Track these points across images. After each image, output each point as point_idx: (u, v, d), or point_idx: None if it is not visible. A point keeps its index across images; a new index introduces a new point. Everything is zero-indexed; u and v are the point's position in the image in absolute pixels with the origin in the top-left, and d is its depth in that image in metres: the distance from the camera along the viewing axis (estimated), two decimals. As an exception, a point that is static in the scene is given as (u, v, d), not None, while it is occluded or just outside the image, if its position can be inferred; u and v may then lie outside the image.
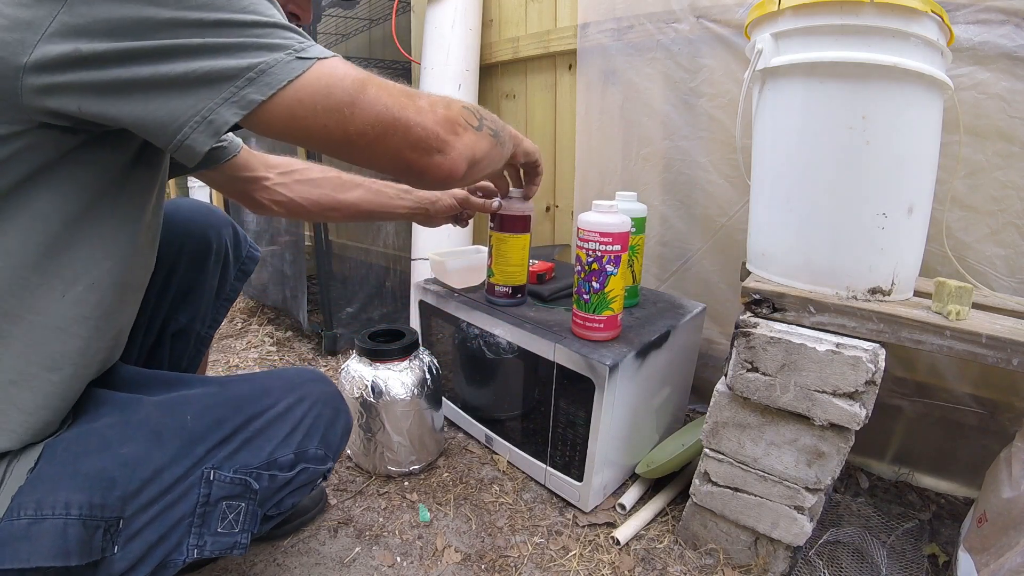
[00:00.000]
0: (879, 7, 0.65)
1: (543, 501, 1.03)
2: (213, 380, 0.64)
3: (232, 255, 0.85)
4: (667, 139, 1.25)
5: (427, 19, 1.51)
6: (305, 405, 0.62)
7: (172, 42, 0.41)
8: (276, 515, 0.61)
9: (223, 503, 0.54)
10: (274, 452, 0.58)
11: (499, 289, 1.06)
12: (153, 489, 0.50)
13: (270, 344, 1.78)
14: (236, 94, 0.43)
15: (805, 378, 0.72)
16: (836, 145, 0.71)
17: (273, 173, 0.85)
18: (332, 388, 0.67)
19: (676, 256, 1.31)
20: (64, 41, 0.40)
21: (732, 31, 1.10)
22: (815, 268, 0.76)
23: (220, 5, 0.43)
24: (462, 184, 0.60)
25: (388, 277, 1.98)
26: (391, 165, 0.53)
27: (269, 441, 0.58)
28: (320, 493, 0.99)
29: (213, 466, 0.54)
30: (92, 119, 0.44)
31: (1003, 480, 0.72)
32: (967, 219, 0.93)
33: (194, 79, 0.43)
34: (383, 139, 0.49)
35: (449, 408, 1.26)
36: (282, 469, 0.58)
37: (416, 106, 0.51)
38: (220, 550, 0.54)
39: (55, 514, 0.44)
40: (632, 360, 0.90)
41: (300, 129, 0.47)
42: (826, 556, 0.89)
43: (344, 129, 0.48)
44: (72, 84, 0.42)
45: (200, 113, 0.43)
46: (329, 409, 0.65)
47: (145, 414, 0.54)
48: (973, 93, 0.88)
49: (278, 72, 0.44)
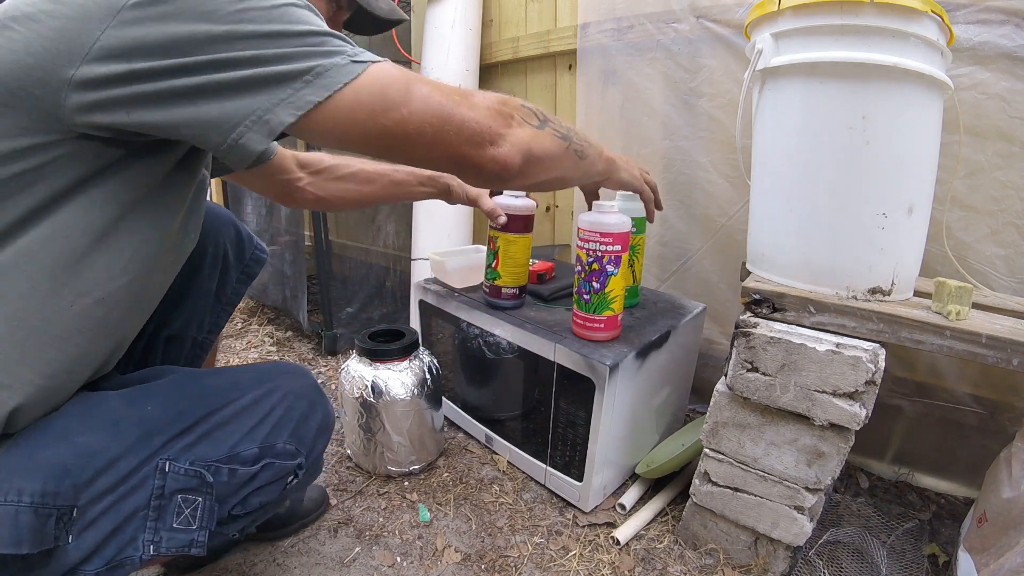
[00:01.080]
0: (879, 7, 0.65)
1: (543, 501, 1.03)
2: (185, 372, 0.63)
3: (234, 257, 0.82)
4: (667, 139, 1.25)
5: (427, 19, 1.51)
6: (275, 397, 0.60)
7: (228, 55, 0.42)
8: (243, 515, 0.58)
9: (178, 496, 0.53)
10: (236, 446, 0.56)
11: (507, 291, 1.04)
12: (108, 479, 0.49)
13: (270, 344, 1.78)
14: (293, 95, 0.44)
15: (805, 378, 0.72)
16: (836, 145, 0.71)
17: (305, 173, 0.85)
18: (308, 381, 0.65)
19: (676, 256, 1.31)
20: (115, 60, 0.41)
21: (732, 31, 1.10)
22: (815, 268, 0.76)
23: (274, 17, 0.43)
24: (523, 181, 0.58)
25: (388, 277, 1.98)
26: (448, 162, 0.53)
27: (231, 434, 0.56)
28: (321, 494, 0.99)
29: (168, 457, 0.52)
30: (141, 129, 0.44)
31: (1003, 480, 0.72)
32: (967, 219, 0.93)
33: (251, 83, 0.43)
34: (439, 136, 0.50)
35: (449, 408, 1.26)
36: (244, 463, 0.56)
37: (469, 102, 0.51)
38: (177, 547, 0.53)
39: (6, 501, 0.44)
40: (632, 360, 0.90)
41: (360, 132, 0.47)
42: (826, 556, 0.89)
43: (403, 128, 0.48)
44: (123, 97, 0.42)
45: (256, 112, 0.44)
46: (303, 402, 0.62)
47: (108, 406, 0.54)
48: (973, 93, 0.88)
49: (335, 74, 0.45)
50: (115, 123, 0.43)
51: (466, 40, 1.49)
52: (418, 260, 1.57)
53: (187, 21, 0.41)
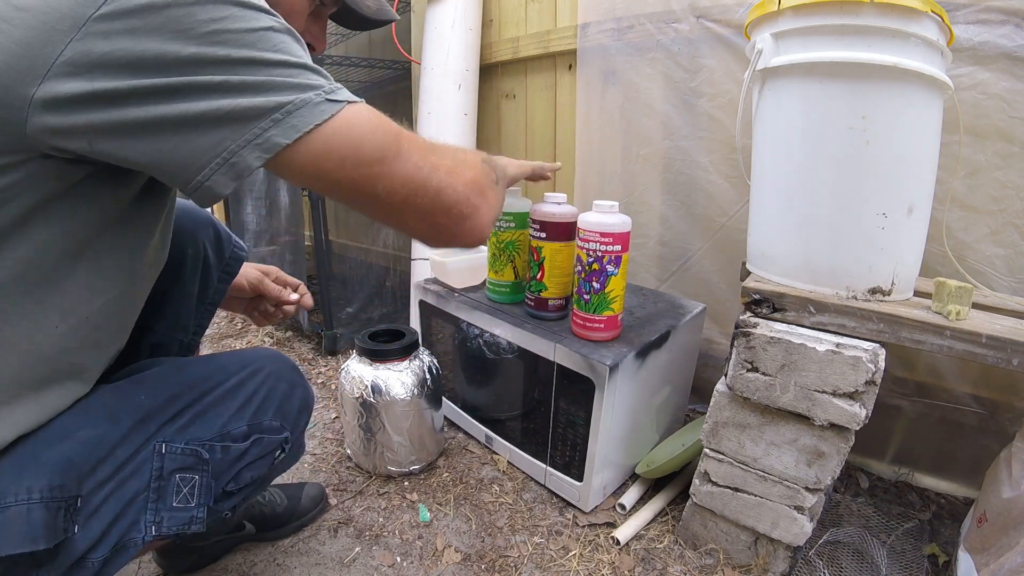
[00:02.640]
0: (879, 7, 0.65)
1: (543, 501, 1.03)
2: (170, 362, 0.64)
3: (214, 257, 0.81)
4: (667, 139, 1.25)
5: (427, 19, 1.50)
6: (258, 379, 0.63)
7: (195, 79, 0.40)
8: (236, 491, 0.61)
9: (176, 475, 0.54)
10: (227, 424, 0.59)
11: (553, 303, 1.00)
12: (108, 466, 0.51)
13: (270, 344, 1.79)
14: (260, 136, 0.41)
15: (805, 378, 0.72)
16: (836, 145, 0.71)
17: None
18: (288, 363, 0.68)
19: (676, 256, 1.31)
20: (78, 77, 0.38)
21: (732, 31, 1.10)
22: (815, 268, 0.76)
23: (248, 42, 0.41)
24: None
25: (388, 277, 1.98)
26: (419, 228, 0.52)
27: (221, 414, 0.59)
28: (319, 492, 0.99)
29: (164, 439, 0.54)
30: (102, 159, 0.42)
31: (1003, 480, 0.72)
32: (967, 219, 0.93)
33: (216, 117, 0.40)
34: (413, 200, 0.48)
35: (449, 408, 1.26)
36: (235, 440, 0.59)
37: (445, 167, 0.50)
38: (178, 526, 0.54)
39: (18, 500, 0.44)
40: (632, 360, 0.90)
41: (328, 181, 0.45)
42: (826, 556, 0.89)
43: (373, 186, 0.46)
44: (85, 125, 0.40)
45: (221, 155, 0.41)
46: (284, 383, 0.65)
47: (102, 400, 0.55)
48: (973, 93, 0.88)
49: (305, 114, 0.42)
50: (77, 150, 0.41)
51: (466, 40, 1.49)
52: (418, 260, 1.57)
53: (158, 38, 0.38)
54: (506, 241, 1.03)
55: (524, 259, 1.05)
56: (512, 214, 1.02)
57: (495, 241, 1.05)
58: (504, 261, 1.06)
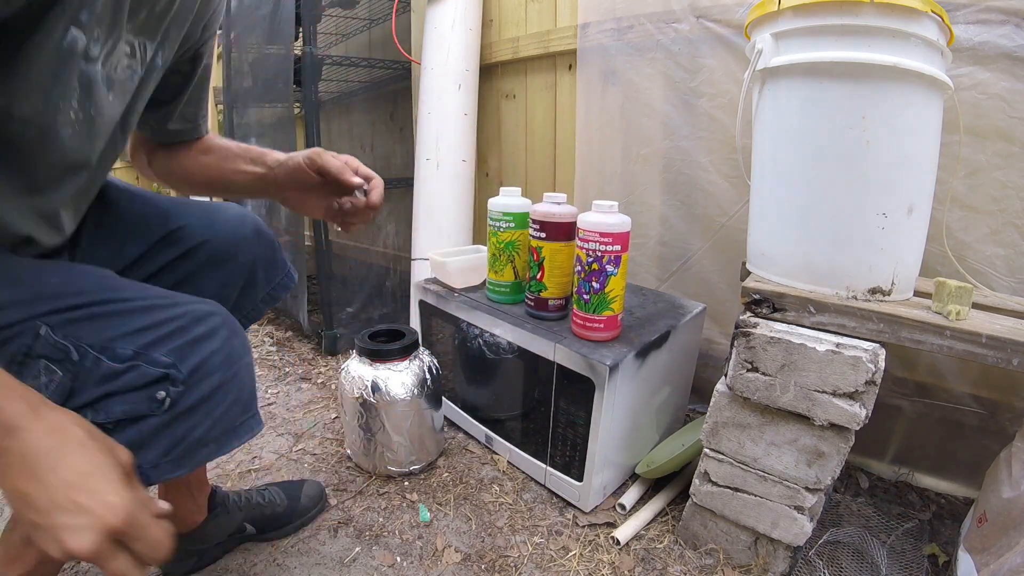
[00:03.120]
0: (879, 7, 0.65)
1: (543, 501, 1.03)
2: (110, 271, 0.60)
3: (263, 277, 0.78)
4: (667, 139, 1.25)
5: (427, 19, 1.51)
6: (177, 310, 0.57)
7: None
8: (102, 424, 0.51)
9: (42, 362, 0.51)
10: (114, 340, 0.53)
11: (553, 303, 1.00)
12: None
13: (270, 344, 1.79)
14: None
15: (805, 378, 0.72)
16: (836, 145, 0.71)
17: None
18: (233, 325, 0.60)
19: (676, 256, 1.31)
20: None
21: (732, 31, 1.10)
22: (815, 268, 0.76)
23: None
24: None
25: (388, 277, 1.98)
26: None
27: (116, 327, 0.54)
28: (319, 491, 0.99)
29: (47, 323, 0.51)
30: None
31: (1003, 480, 0.72)
32: (967, 219, 0.93)
33: None
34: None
35: (449, 408, 1.26)
36: (113, 359, 0.53)
37: None
38: None
39: None
40: (632, 360, 0.90)
41: None
42: (826, 556, 0.89)
43: None
44: None
45: None
46: (202, 327, 0.57)
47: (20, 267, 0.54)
48: (973, 93, 0.88)
49: None
50: None
51: (466, 40, 1.49)
52: (418, 260, 1.57)
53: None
54: (506, 241, 1.04)
55: (524, 259, 1.05)
56: (512, 214, 1.02)
57: (495, 241, 1.05)
58: (504, 261, 1.06)
